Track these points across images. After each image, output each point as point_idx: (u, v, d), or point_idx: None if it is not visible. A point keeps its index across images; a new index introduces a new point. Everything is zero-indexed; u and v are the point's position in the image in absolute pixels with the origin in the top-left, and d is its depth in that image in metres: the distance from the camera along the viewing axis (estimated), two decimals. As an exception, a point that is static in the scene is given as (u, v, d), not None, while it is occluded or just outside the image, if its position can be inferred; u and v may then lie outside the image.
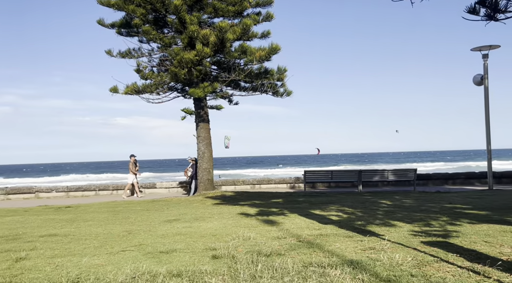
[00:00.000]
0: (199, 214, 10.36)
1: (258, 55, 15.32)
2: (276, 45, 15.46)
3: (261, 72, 16.76)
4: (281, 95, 17.44)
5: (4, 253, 6.04)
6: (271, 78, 16.64)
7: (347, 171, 21.25)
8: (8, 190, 19.57)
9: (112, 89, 16.25)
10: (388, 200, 12.41)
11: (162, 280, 4.37)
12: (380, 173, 18.89)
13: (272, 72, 16.68)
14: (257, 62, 15.84)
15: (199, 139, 17.09)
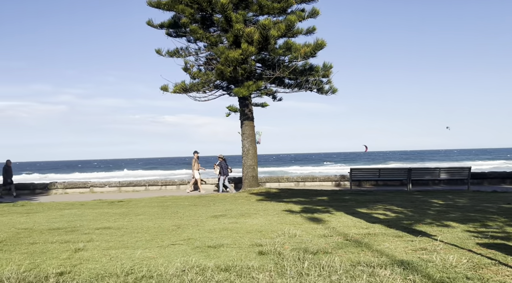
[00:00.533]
0: (244, 210, 10.47)
1: (303, 51, 15.20)
2: (322, 41, 15.26)
3: (306, 68, 16.63)
4: (326, 92, 17.21)
5: (64, 244, 6.43)
6: (316, 75, 16.47)
7: (396, 169, 20.60)
8: (65, 185, 20.77)
9: (163, 88, 16.79)
10: (440, 200, 11.91)
11: (211, 274, 4.47)
12: (431, 171, 18.16)
13: (317, 68, 16.50)
14: (302, 58, 15.72)
15: (244, 136, 17.25)
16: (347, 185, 19.66)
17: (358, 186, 19.35)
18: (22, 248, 6.22)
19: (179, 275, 4.48)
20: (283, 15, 16.21)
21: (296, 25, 15.22)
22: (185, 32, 16.63)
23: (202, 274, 4.47)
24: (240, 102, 17.14)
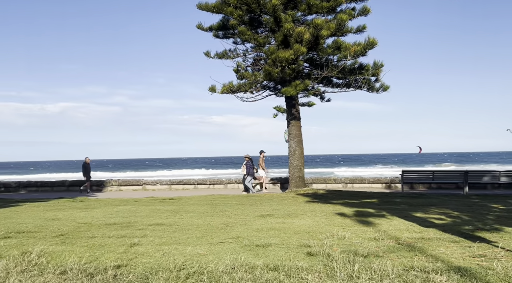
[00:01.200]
0: (291, 210, 10.45)
1: (353, 50, 14.92)
2: (373, 40, 14.90)
3: (355, 67, 16.30)
4: (377, 90, 16.76)
5: (121, 239, 6.75)
6: (366, 74, 16.09)
7: (451, 171, 19.67)
8: (120, 182, 21.77)
9: (211, 89, 17.13)
10: (501, 204, 11.21)
11: (260, 273, 4.51)
12: (490, 174, 17.14)
13: (368, 67, 16.11)
14: (352, 57, 15.43)
15: (290, 137, 17.20)
16: (398, 188, 19.03)
17: (410, 188, 18.67)
18: (83, 241, 6.60)
19: (229, 272, 4.57)
20: (331, 14, 16.00)
21: (346, 24, 14.96)
22: (233, 33, 16.87)
23: (251, 273, 4.53)
24: (287, 102, 17.12)
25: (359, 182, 20.53)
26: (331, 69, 15.87)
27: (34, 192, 20.70)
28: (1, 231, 7.54)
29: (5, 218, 9.64)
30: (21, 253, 5.53)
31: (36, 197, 17.03)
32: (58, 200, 14.38)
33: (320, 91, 17.69)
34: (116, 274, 4.59)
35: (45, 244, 6.22)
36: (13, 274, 4.62)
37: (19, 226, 8.19)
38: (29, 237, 6.94)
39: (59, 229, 7.79)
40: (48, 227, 8.06)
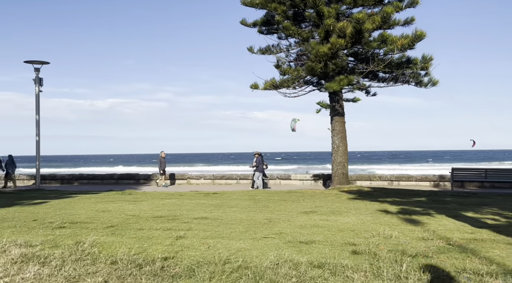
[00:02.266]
0: (335, 207, 10.30)
1: (400, 43, 14.41)
2: (421, 32, 14.31)
3: (402, 61, 15.75)
4: (425, 85, 16.12)
5: (167, 231, 6.94)
6: (414, 68, 15.50)
7: (506, 170, 18.57)
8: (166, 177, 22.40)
9: (253, 86, 17.19)
10: (562, 206, 10.46)
11: (304, 269, 4.48)
12: (549, 174, 16.04)
13: (416, 60, 15.51)
14: (399, 51, 14.92)
15: (334, 133, 16.94)
16: (447, 186, 18.25)
17: (460, 187, 17.84)
18: (131, 233, 6.85)
19: (273, 268, 4.57)
20: (378, 7, 15.53)
21: (392, 17, 14.47)
22: (277, 29, 16.82)
23: (296, 269, 4.50)
24: (331, 98, 16.85)
25: (405, 179, 19.89)
26: (377, 63, 15.43)
27: (86, 185, 21.77)
28: (56, 221, 7.99)
29: (60, 209, 10.20)
30: (75, 243, 5.83)
31: (88, 189, 17.91)
32: (108, 193, 15.03)
33: (365, 86, 17.26)
34: (163, 266, 4.72)
35: (97, 235, 6.52)
36: (68, 262, 4.87)
37: (73, 217, 8.64)
38: (82, 228, 7.31)
39: (109, 221, 8.13)
40: (99, 219, 8.44)
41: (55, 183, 22.20)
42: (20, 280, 4.26)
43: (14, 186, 20.15)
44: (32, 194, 14.97)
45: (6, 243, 5.74)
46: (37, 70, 18.33)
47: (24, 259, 4.99)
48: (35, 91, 18.60)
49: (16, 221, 8.01)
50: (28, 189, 17.96)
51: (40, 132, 18.90)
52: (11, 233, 6.71)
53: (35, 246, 5.69)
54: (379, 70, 15.97)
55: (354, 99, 17.64)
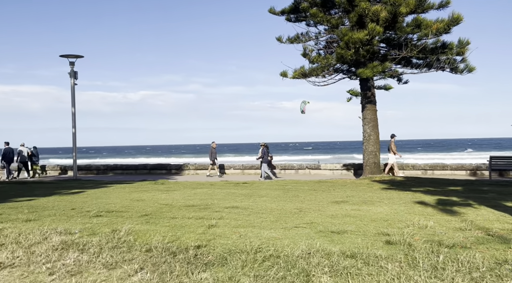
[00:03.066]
0: (367, 197, 10.14)
1: (435, 27, 13.86)
2: (458, 15, 13.71)
3: (437, 46, 15.18)
4: (461, 71, 15.49)
5: (199, 220, 7.05)
6: (449, 53, 14.91)
7: (548, 158, 17.68)
8: (196, 166, 22.74)
9: (282, 74, 17.05)
10: None
11: (337, 259, 4.44)
12: None
13: (452, 45, 14.91)
14: (433, 35, 14.37)
15: (365, 121, 16.61)
16: (484, 175, 17.60)
17: (499, 176, 17.16)
18: (165, 221, 7.00)
19: (305, 257, 4.55)
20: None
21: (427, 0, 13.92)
22: (305, 16, 16.53)
23: (328, 259, 4.47)
24: (362, 85, 16.49)
25: (440, 168, 19.32)
26: (410, 49, 14.93)
27: (120, 175, 22.39)
28: (93, 210, 8.27)
29: (96, 198, 10.55)
30: (111, 231, 6.01)
31: (122, 179, 18.42)
32: (141, 183, 15.41)
33: (397, 72, 16.77)
34: (196, 254, 4.79)
35: (132, 223, 6.70)
36: (105, 249, 5.03)
37: (109, 206, 8.91)
38: (117, 216, 7.52)
39: (143, 210, 8.34)
40: (133, 207, 8.67)
41: (90, 174, 22.97)
42: (61, 266, 4.43)
43: (37, 176, 20.85)
44: (69, 184, 15.55)
45: (47, 230, 5.99)
46: (72, 63, 18.89)
47: (64, 246, 5.20)
48: (70, 84, 19.20)
49: (55, 210, 8.34)
50: (66, 179, 18.67)
51: (76, 124, 19.54)
52: (51, 221, 7.00)
53: (74, 233, 5.91)
54: (412, 56, 15.47)
55: (386, 87, 17.18)
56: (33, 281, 4.04)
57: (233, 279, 3.95)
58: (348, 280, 3.88)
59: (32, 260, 4.67)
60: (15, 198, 10.48)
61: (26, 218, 7.22)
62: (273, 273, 4.07)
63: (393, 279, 3.86)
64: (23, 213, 7.83)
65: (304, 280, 3.90)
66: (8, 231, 6.04)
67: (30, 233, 5.83)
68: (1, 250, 5.06)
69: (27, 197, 10.68)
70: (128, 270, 4.25)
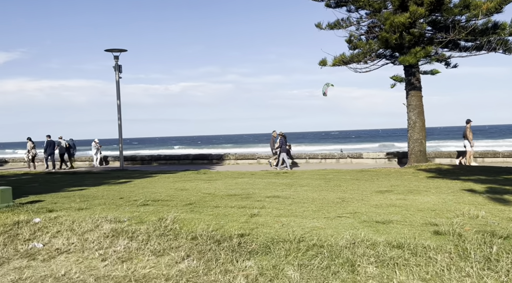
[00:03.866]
0: (412, 186, 9.83)
1: (485, 7, 13.07)
2: (511, -8, 12.83)
3: (488, 27, 14.32)
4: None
5: (242, 209, 7.13)
6: (501, 33, 14.02)
7: None
8: (236, 156, 22.97)
9: (321, 62, 16.76)
10: None
11: (383, 249, 4.35)
12: None
13: (504, 25, 14.00)
14: (483, 16, 13.56)
15: (410, 108, 16.04)
16: (540, 163, 16.56)
17: (557, 164, 16.09)
18: (208, 210, 7.14)
19: (349, 247, 4.49)
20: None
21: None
22: (346, 1, 16.10)
23: (373, 249, 4.39)
24: (406, 71, 15.90)
25: (491, 156, 18.39)
26: (458, 31, 14.18)
27: (164, 165, 23.05)
28: (140, 199, 8.57)
29: (142, 187, 10.92)
30: (158, 219, 6.21)
31: (166, 169, 18.96)
32: (185, 172, 15.78)
33: (444, 56, 16.02)
34: (240, 242, 4.86)
35: (177, 212, 6.88)
36: (153, 237, 5.21)
37: (154, 195, 9.21)
38: (163, 205, 7.76)
39: (187, 199, 8.55)
40: (178, 197, 8.91)
41: (136, 164, 23.80)
42: (112, 253, 4.64)
43: (70, 167, 21.77)
44: (117, 174, 16.20)
45: (98, 218, 6.28)
46: (116, 57, 19.53)
47: (115, 233, 5.43)
48: (115, 78, 19.89)
49: (105, 199, 8.73)
50: (113, 170, 19.47)
51: (121, 116, 20.26)
52: (101, 209, 7.33)
53: (123, 222, 6.16)
54: (460, 38, 14.70)
55: (432, 72, 16.45)
56: (87, 266, 4.26)
57: (277, 268, 3.97)
58: (395, 270, 3.79)
59: (86, 247, 4.92)
60: (67, 188, 11.06)
61: (78, 207, 7.61)
62: (317, 262, 4.05)
63: (442, 270, 3.74)
64: (76, 202, 8.26)
65: (349, 270, 3.86)
66: (62, 219, 6.39)
67: (82, 221, 6.14)
68: (58, 237, 5.37)
69: (78, 187, 11.24)
70: (175, 257, 4.38)
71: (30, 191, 10.32)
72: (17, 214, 6.86)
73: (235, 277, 3.75)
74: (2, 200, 7.56)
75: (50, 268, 4.25)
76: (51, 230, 5.70)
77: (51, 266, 4.33)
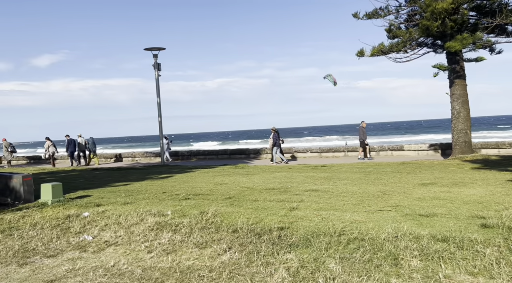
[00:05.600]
0: (457, 178, 9.49)
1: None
2: None
3: (538, 9, 13.47)
4: None
5: (280, 203, 7.17)
6: (554, 15, 13.14)
7: None
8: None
9: (359, 53, 16.40)
10: None
11: (427, 243, 4.25)
12: None
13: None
14: (534, -3, 12.75)
15: (454, 97, 15.42)
16: None
17: None
18: (248, 204, 7.23)
19: (391, 240, 4.42)
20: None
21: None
22: (384, -11, 15.64)
23: (417, 242, 4.29)
24: (449, 59, 15.27)
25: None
26: (506, 15, 13.43)
27: (202, 160, 23.47)
28: (182, 193, 8.80)
29: (183, 182, 11.20)
30: (200, 213, 6.36)
31: (205, 164, 19.30)
32: (223, 167, 16.01)
33: (490, 42, 15.22)
34: (280, 235, 4.90)
35: (217, 205, 7.03)
36: (195, 230, 5.35)
37: (195, 189, 9.42)
38: (203, 199, 7.94)
39: (227, 193, 8.69)
40: (217, 191, 9.07)
41: (175, 159, 24.38)
42: (158, 245, 4.82)
43: (87, 164, 22.54)
44: (158, 169, 16.68)
45: (142, 212, 6.52)
46: (155, 56, 20.02)
47: (159, 226, 5.63)
48: (155, 76, 20.42)
49: (148, 193, 9.03)
50: (155, 165, 20.06)
51: (161, 113, 20.79)
52: (145, 204, 7.60)
53: (167, 215, 6.36)
54: (507, 23, 13.92)
55: (477, 59, 15.68)
56: (134, 258, 4.45)
57: (318, 261, 3.98)
58: (440, 264, 3.70)
59: (132, 239, 5.13)
60: (113, 183, 11.52)
61: (124, 201, 7.93)
62: (359, 255, 4.02)
63: (491, 264, 3.61)
64: (121, 197, 8.60)
65: (392, 263, 3.80)
66: (110, 212, 6.68)
67: (128, 214, 6.40)
68: (106, 230, 5.64)
69: (123, 182, 11.69)
70: (218, 249, 4.49)
71: (78, 186, 10.85)
72: (67, 208, 7.25)
73: (276, 269, 3.80)
74: (54, 195, 8.00)
75: (100, 260, 4.47)
76: (100, 223, 5.99)
77: (101, 257, 4.56)
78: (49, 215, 6.68)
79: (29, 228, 5.94)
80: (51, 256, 4.68)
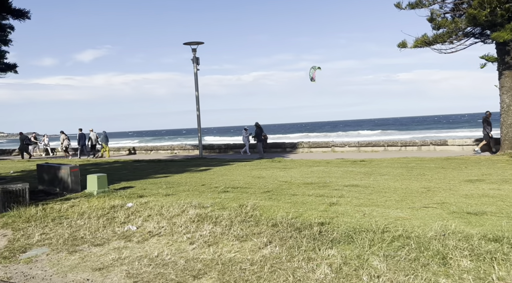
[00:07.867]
0: (507, 175, 9.01)
1: None
2: None
3: None
4: None
5: (319, 198, 7.08)
6: None
7: None
8: (310, 144, 22.77)
9: (400, 44, 15.86)
10: None
11: (478, 242, 4.05)
12: None
13: None
14: None
15: (503, 90, 14.61)
16: None
17: None
18: (286, 198, 7.19)
19: (439, 239, 4.26)
20: None
21: None
22: (428, -23, 15.00)
23: (467, 241, 4.11)
24: (499, 50, 14.47)
25: None
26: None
27: (239, 153, 23.62)
28: (220, 186, 8.89)
29: (221, 175, 11.31)
30: (239, 206, 6.40)
31: (241, 157, 19.42)
32: (260, 161, 16.03)
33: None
34: (321, 231, 4.84)
35: (256, 199, 7.04)
36: (235, 223, 5.39)
37: (233, 182, 9.49)
38: (242, 192, 7.98)
39: (265, 186, 8.69)
40: (255, 184, 9.09)
41: (213, 152, 24.69)
42: (199, 237, 4.88)
43: (99, 156, 23.30)
44: (197, 162, 16.96)
45: (184, 204, 6.64)
46: (194, 50, 20.28)
47: (200, 218, 5.71)
48: (193, 70, 20.70)
49: (188, 186, 9.19)
50: (193, 158, 20.41)
51: (200, 107, 21.08)
52: (186, 195, 7.74)
53: (207, 207, 6.44)
54: None
55: (529, 49, 14.77)
56: (177, 249, 4.54)
57: (362, 258, 3.89)
58: (493, 265, 3.52)
59: (174, 230, 5.24)
60: (154, 175, 11.82)
61: (165, 193, 8.11)
62: (404, 253, 3.90)
63: (550, 269, 3.39)
64: (162, 188, 8.80)
65: (441, 262, 3.66)
66: (152, 204, 6.86)
67: (170, 206, 6.53)
68: (149, 221, 5.79)
69: (163, 174, 11.96)
70: (258, 243, 4.49)
71: (121, 178, 11.21)
72: (112, 199, 7.50)
73: (318, 265, 3.75)
74: (99, 186, 8.31)
75: (144, 249, 4.60)
76: (143, 214, 6.15)
77: (145, 247, 4.68)
78: (95, 205, 6.94)
79: (77, 217, 6.20)
80: (98, 244, 4.86)
